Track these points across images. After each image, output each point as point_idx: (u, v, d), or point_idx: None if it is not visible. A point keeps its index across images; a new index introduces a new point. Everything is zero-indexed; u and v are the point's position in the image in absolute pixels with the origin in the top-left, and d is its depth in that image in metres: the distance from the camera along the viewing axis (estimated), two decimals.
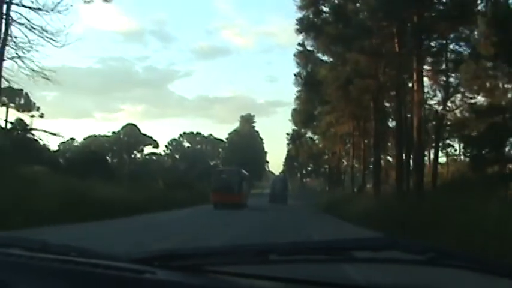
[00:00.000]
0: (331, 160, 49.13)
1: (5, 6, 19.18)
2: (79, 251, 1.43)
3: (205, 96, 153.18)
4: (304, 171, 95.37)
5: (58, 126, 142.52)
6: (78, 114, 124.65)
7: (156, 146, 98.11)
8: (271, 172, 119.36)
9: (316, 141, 53.49)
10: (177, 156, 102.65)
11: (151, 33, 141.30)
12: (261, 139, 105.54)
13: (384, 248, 1.16)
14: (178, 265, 1.30)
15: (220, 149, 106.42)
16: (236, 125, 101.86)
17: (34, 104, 62.54)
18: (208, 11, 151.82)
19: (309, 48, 28.75)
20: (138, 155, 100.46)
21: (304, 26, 26.21)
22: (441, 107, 25.65)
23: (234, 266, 1.31)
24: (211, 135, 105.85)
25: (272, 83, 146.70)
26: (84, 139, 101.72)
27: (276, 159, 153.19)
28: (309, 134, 53.38)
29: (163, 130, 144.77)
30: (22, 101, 61.96)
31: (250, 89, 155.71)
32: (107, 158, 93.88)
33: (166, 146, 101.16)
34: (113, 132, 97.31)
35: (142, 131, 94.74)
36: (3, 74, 19.72)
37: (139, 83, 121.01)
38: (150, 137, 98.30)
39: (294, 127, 54.55)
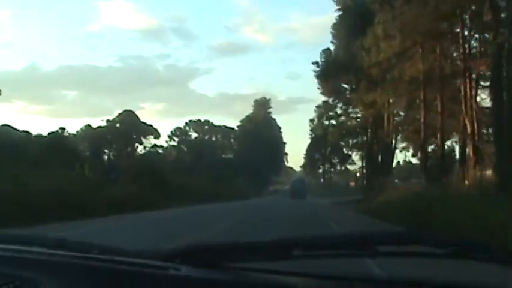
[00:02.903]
0: (375, 135, 34.30)
1: None
2: (100, 248, 1.43)
3: (225, 93, 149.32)
4: (327, 166, 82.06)
5: (79, 125, 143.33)
6: (98, 113, 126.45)
7: (157, 136, 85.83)
8: (291, 168, 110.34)
9: (352, 115, 39.22)
10: (184, 148, 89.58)
11: (172, 31, 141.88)
12: (279, 127, 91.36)
13: (407, 241, 1.16)
14: (202, 261, 1.30)
15: (232, 140, 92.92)
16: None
17: None
18: (229, 7, 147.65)
19: None
20: (141, 147, 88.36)
21: None
22: None
23: (257, 261, 1.28)
24: (224, 125, 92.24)
25: (293, 80, 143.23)
26: (81, 129, 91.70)
27: (295, 156, 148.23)
28: (340, 106, 39.35)
29: None
30: None
31: (271, 86, 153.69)
32: (105, 150, 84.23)
33: (169, 136, 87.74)
34: (108, 121, 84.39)
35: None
36: None
37: (160, 81, 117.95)
38: (151, 126, 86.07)
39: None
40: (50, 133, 50.51)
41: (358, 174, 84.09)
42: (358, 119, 38.29)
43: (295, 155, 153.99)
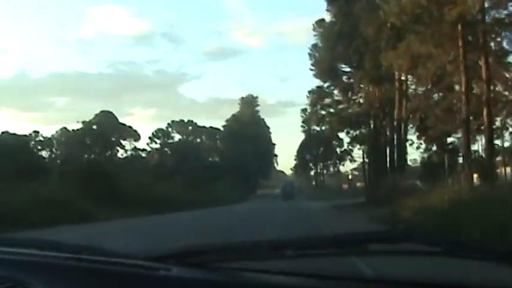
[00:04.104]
0: (381, 125, 28.21)
1: None
2: (92, 250, 1.43)
3: (215, 98, 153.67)
4: (319, 167, 76.93)
5: None
6: (88, 119, 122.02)
7: (137, 138, 79.97)
8: (282, 171, 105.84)
9: (352, 101, 33.21)
10: (168, 151, 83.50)
11: (162, 35, 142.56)
12: (268, 127, 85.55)
13: (399, 240, 1.15)
14: (194, 262, 1.29)
15: (218, 142, 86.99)
16: None
17: None
18: (219, 11, 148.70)
19: None
20: (122, 151, 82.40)
21: None
22: None
23: (249, 261, 1.29)
24: (210, 126, 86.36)
25: (283, 83, 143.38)
26: (56, 132, 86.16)
27: (286, 161, 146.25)
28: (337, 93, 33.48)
29: None
30: None
31: (261, 90, 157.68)
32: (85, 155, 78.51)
33: (150, 138, 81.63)
34: (83, 122, 78.31)
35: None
36: None
37: (150, 87, 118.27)
38: (130, 127, 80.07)
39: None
40: (3, 132, 44.40)
41: (350, 177, 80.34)
42: (361, 105, 32.22)
43: (286, 159, 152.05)
